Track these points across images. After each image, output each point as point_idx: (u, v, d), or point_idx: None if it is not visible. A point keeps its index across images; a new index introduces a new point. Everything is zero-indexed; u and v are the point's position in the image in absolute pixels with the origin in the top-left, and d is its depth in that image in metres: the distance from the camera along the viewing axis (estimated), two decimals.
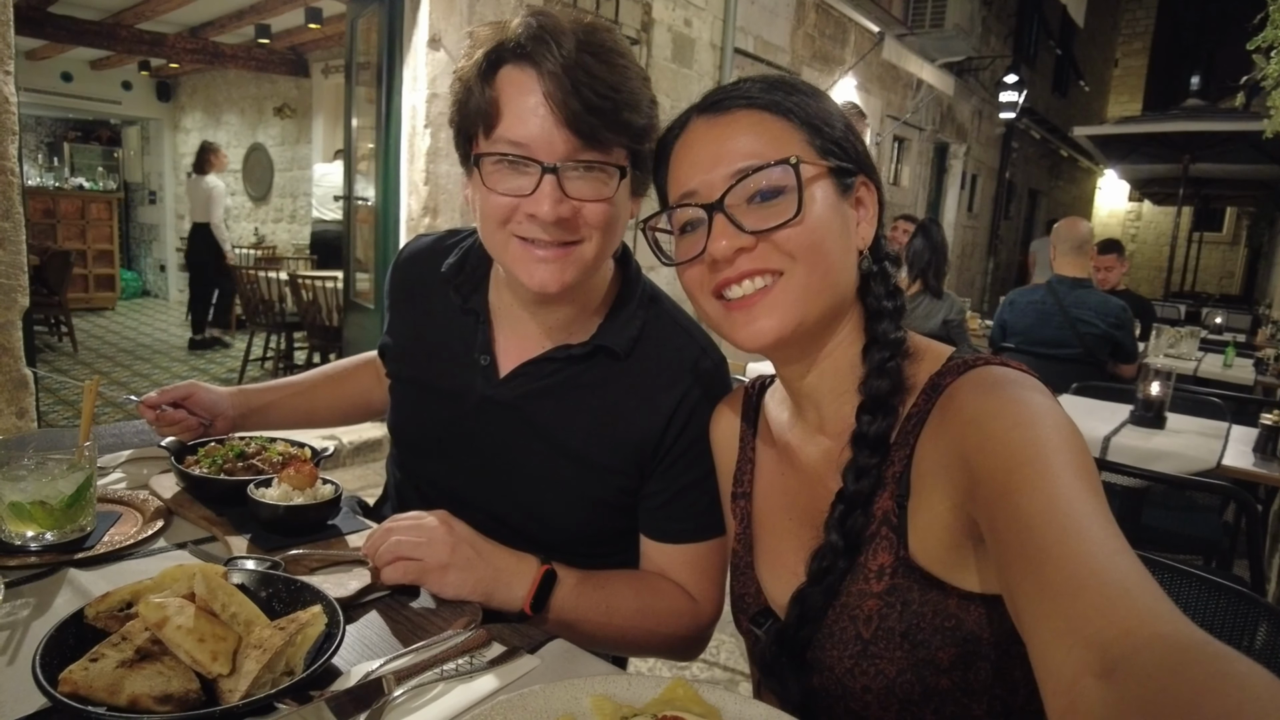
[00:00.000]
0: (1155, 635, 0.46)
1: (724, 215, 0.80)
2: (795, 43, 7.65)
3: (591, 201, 0.97)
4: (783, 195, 0.80)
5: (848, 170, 0.84)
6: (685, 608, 1.10)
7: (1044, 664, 0.51)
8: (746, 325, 0.82)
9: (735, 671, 2.64)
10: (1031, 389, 0.73)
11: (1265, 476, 2.52)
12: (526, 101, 0.93)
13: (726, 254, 0.80)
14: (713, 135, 0.83)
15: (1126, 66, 20.71)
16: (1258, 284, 15.05)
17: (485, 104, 0.95)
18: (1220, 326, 7.60)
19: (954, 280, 11.63)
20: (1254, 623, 1.15)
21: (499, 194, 0.96)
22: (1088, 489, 0.61)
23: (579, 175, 0.95)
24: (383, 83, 4.73)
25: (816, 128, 0.83)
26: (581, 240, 0.98)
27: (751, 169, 0.80)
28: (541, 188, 0.94)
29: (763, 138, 0.81)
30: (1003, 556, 0.61)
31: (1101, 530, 0.56)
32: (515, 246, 0.99)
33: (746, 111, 0.83)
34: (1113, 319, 3.81)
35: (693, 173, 0.84)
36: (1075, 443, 0.66)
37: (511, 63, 0.94)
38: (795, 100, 0.83)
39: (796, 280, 0.80)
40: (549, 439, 1.11)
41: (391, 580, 0.96)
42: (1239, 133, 9.62)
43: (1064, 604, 0.52)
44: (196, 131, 11.69)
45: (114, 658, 0.70)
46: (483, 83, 0.95)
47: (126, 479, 1.28)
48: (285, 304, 5.99)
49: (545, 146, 0.93)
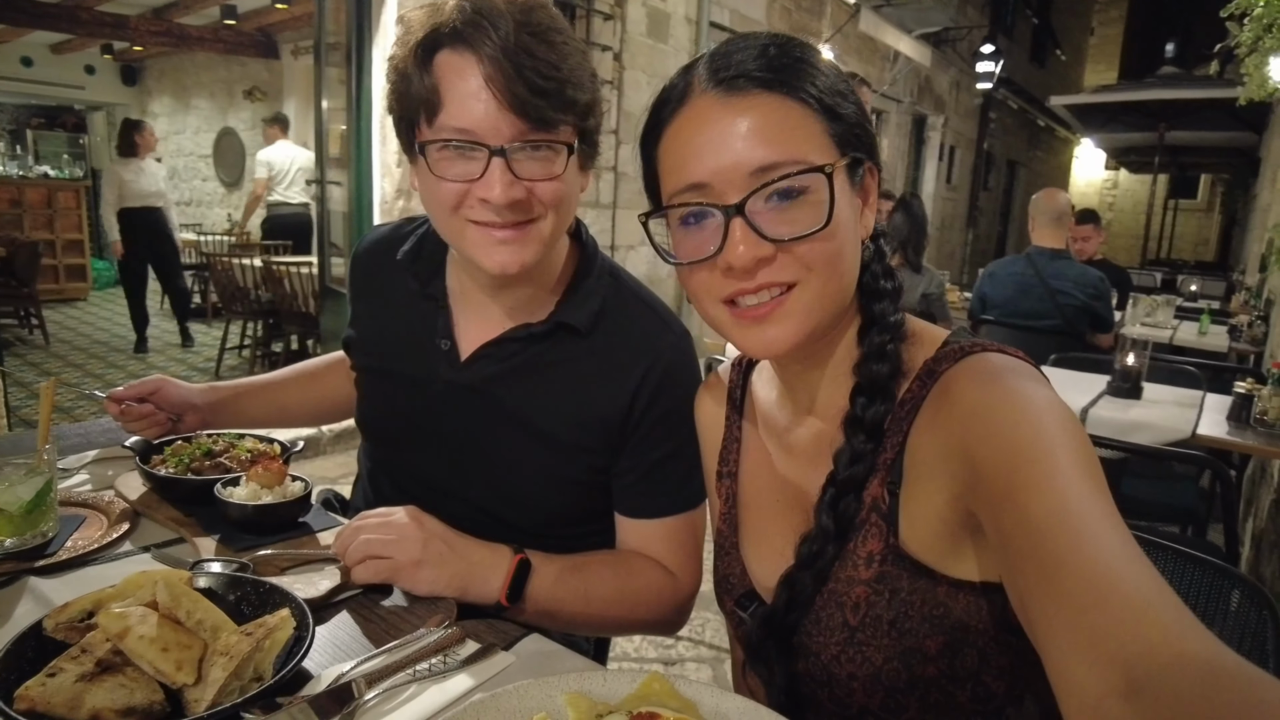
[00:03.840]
0: (1181, 655, 0.45)
1: (745, 220, 0.73)
2: (771, 16, 7.58)
3: (542, 181, 0.96)
4: (805, 198, 0.73)
5: (859, 160, 0.78)
6: (664, 583, 1.10)
7: (1064, 679, 0.50)
8: (757, 335, 0.77)
9: (720, 649, 2.66)
10: (1031, 379, 0.71)
11: (1239, 444, 2.55)
12: (468, 86, 0.91)
13: (747, 264, 0.73)
14: (726, 120, 0.73)
15: (1103, 35, 20.75)
16: (1232, 250, 15.22)
17: (425, 91, 0.93)
18: (1195, 294, 7.68)
19: (933, 253, 11.67)
20: (1227, 591, 1.17)
21: (448, 180, 0.95)
22: (1096, 489, 0.59)
23: (527, 156, 0.94)
24: (353, 63, 4.64)
25: (836, 114, 0.75)
26: (536, 219, 0.98)
27: (780, 172, 0.72)
28: (491, 171, 0.92)
29: (785, 129, 0.73)
30: (1012, 559, 0.60)
31: (1116, 536, 0.55)
32: (472, 231, 0.97)
33: (765, 95, 0.73)
34: (1091, 290, 3.83)
35: (704, 162, 0.74)
36: (1079, 437, 0.65)
37: (449, 47, 0.92)
38: (815, 82, 0.75)
39: (812, 290, 0.75)
40: (515, 420, 1.10)
41: (362, 580, 0.94)
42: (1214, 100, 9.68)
43: (1084, 617, 0.51)
44: (165, 116, 11.47)
45: (73, 671, 0.68)
46: (421, 69, 0.93)
47: (91, 480, 1.25)
48: (260, 291, 5.91)
49: (491, 131, 0.92)
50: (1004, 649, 0.74)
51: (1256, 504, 3.59)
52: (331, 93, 5.02)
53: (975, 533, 0.71)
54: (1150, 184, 13.60)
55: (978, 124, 13.90)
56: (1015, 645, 0.74)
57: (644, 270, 5.94)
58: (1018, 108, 15.65)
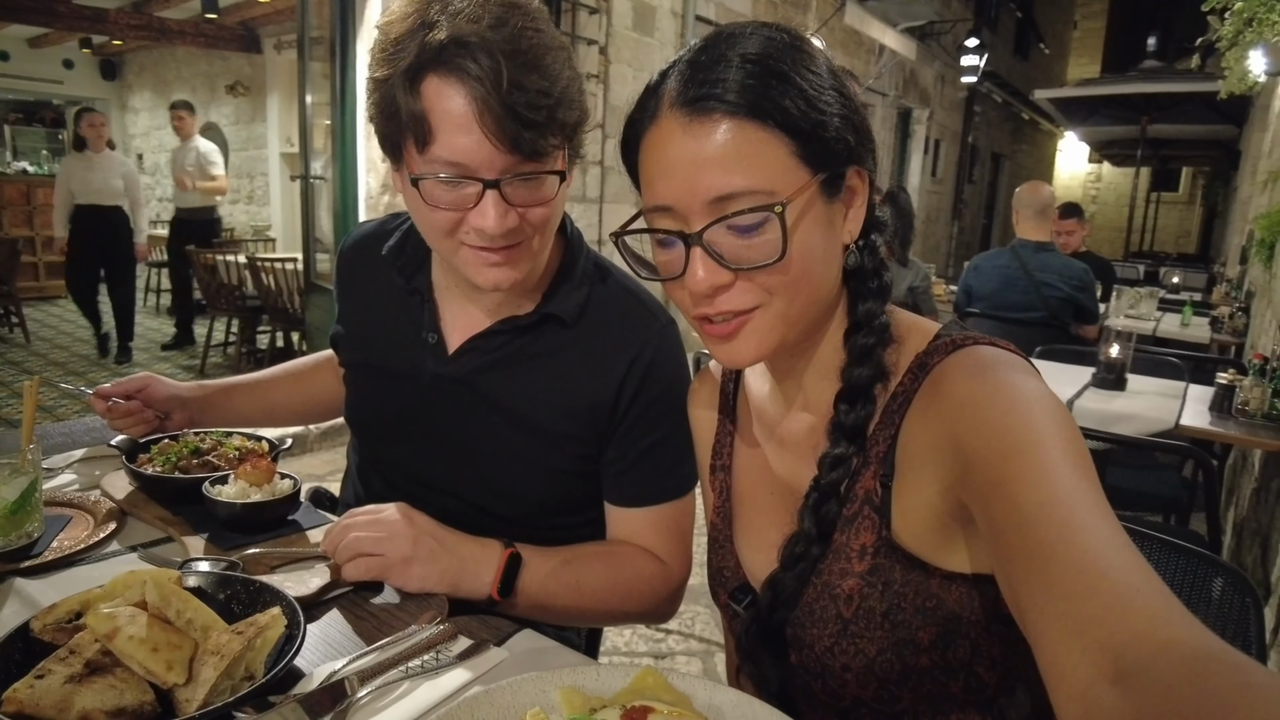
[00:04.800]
0: (1168, 641, 0.46)
1: (704, 250, 0.74)
2: (757, 9, 7.57)
3: (535, 206, 0.96)
4: (764, 229, 0.73)
5: (838, 172, 0.76)
6: (655, 572, 1.10)
7: (1054, 666, 0.51)
8: (726, 351, 0.79)
9: (711, 642, 2.67)
10: (1022, 371, 0.72)
11: (1220, 435, 2.58)
12: (459, 119, 0.89)
13: (705, 289, 0.74)
14: (688, 145, 0.72)
15: (1086, 28, 20.88)
16: (1213, 242, 15.38)
17: (413, 119, 0.90)
18: (1178, 286, 7.74)
19: (918, 246, 11.72)
20: (1210, 579, 1.19)
21: (442, 209, 0.94)
22: (1085, 479, 0.60)
23: (520, 183, 0.94)
24: (337, 58, 4.60)
25: (805, 133, 0.72)
26: (528, 239, 0.99)
27: (732, 207, 0.72)
28: (484, 202, 0.92)
29: (746, 158, 0.71)
30: (1002, 549, 0.60)
31: (1106, 525, 0.56)
32: (465, 253, 0.98)
33: (727, 119, 0.71)
34: (1076, 282, 3.86)
35: (668, 186, 0.74)
36: (1068, 428, 0.65)
37: (436, 73, 0.89)
38: (790, 100, 0.72)
39: (774, 311, 0.76)
40: (503, 412, 1.10)
41: (353, 577, 0.94)
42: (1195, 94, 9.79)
43: (1073, 605, 0.51)
44: (145, 111, 11.34)
45: (62, 673, 0.68)
46: (408, 94, 0.90)
47: (77, 480, 1.24)
48: (245, 288, 5.85)
49: (485, 164, 0.91)
50: (996, 640, 0.75)
51: (1238, 493, 3.64)
52: (315, 88, 4.98)
53: (967, 524, 0.72)
54: (1133, 177, 13.72)
55: (962, 117, 13.96)
56: (1007, 636, 0.75)
57: None
58: (1002, 101, 15.73)
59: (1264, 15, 2.53)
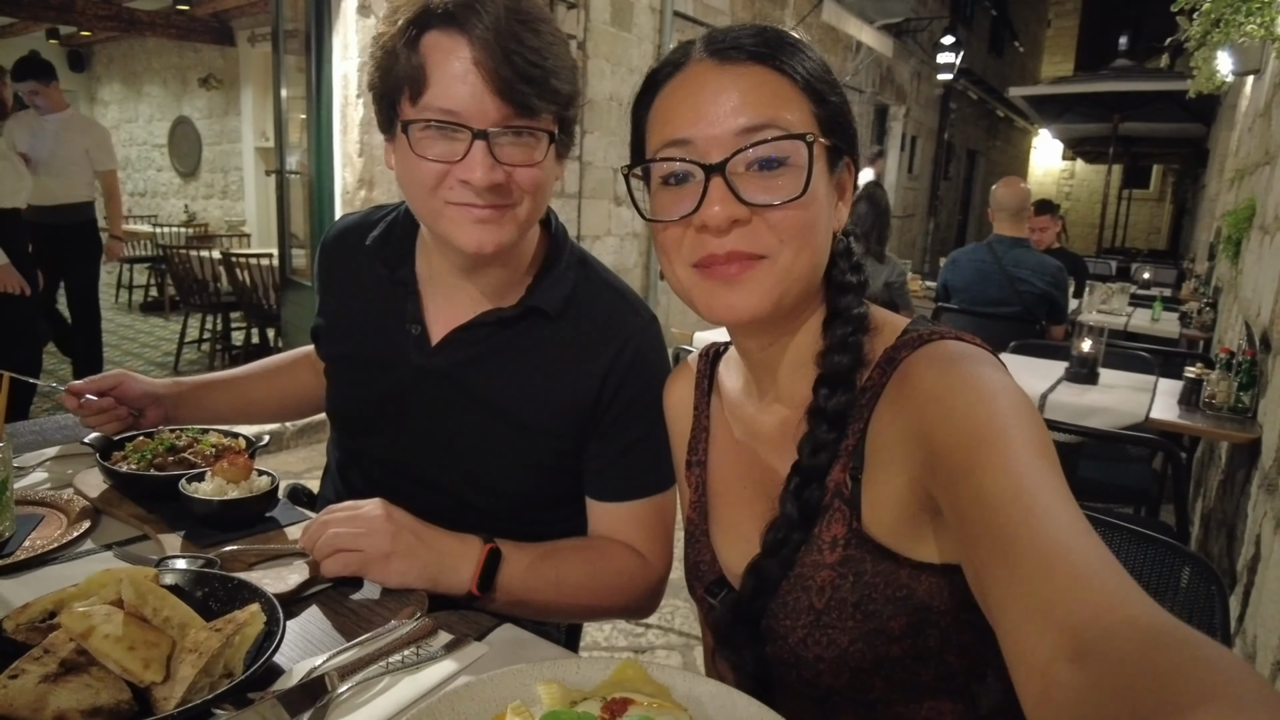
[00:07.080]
0: (1125, 619, 0.47)
1: (724, 180, 0.74)
2: (735, 5, 7.58)
3: (523, 166, 0.97)
4: (786, 168, 0.75)
5: (840, 151, 0.81)
6: (635, 567, 1.10)
7: (1015, 646, 0.52)
8: (724, 298, 0.78)
9: (690, 636, 2.69)
10: (988, 364, 0.73)
11: (1189, 427, 2.63)
12: (455, 68, 0.92)
13: (721, 223, 0.74)
14: (720, 84, 0.76)
15: (1059, 27, 21.11)
16: (1182, 239, 15.64)
17: (412, 70, 0.93)
18: (1149, 282, 7.89)
19: (895, 242, 11.81)
20: (1178, 568, 1.22)
21: (429, 160, 0.95)
22: (1048, 467, 0.62)
23: (509, 141, 0.95)
24: (312, 51, 4.55)
25: (823, 99, 0.78)
26: (514, 204, 0.99)
27: (765, 134, 0.74)
28: (473, 154, 0.93)
29: (774, 98, 0.75)
30: (967, 536, 0.61)
31: (1066, 511, 0.57)
32: (450, 211, 0.98)
33: (759, 67, 0.76)
34: (1049, 278, 3.93)
35: (691, 120, 0.76)
36: (1033, 419, 0.67)
37: (438, 28, 0.93)
38: (806, 66, 0.78)
39: (782, 263, 0.77)
40: (486, 405, 1.10)
41: (332, 573, 0.93)
42: (1165, 92, 9.93)
43: (1034, 587, 0.52)
44: (115, 104, 11.14)
45: (36, 672, 0.67)
46: (408, 48, 0.93)
47: (49, 478, 1.22)
48: (220, 284, 5.78)
49: (477, 113, 0.93)
50: (965, 628, 0.76)
51: (1205, 485, 3.71)
52: (290, 81, 4.92)
53: (935, 515, 0.73)
54: (1105, 174, 13.92)
55: (938, 114, 14.07)
56: (976, 624, 0.76)
57: (610, 260, 5.92)
58: (977, 98, 15.87)
59: (1230, 16, 2.58)
